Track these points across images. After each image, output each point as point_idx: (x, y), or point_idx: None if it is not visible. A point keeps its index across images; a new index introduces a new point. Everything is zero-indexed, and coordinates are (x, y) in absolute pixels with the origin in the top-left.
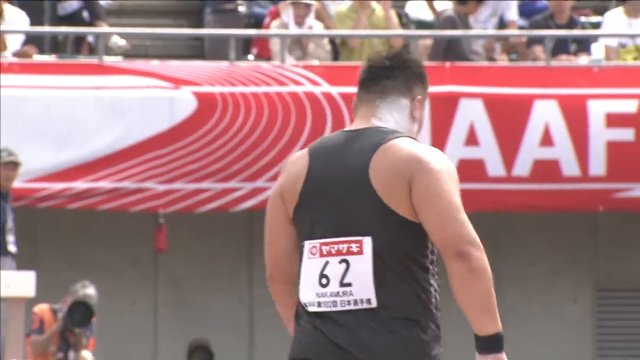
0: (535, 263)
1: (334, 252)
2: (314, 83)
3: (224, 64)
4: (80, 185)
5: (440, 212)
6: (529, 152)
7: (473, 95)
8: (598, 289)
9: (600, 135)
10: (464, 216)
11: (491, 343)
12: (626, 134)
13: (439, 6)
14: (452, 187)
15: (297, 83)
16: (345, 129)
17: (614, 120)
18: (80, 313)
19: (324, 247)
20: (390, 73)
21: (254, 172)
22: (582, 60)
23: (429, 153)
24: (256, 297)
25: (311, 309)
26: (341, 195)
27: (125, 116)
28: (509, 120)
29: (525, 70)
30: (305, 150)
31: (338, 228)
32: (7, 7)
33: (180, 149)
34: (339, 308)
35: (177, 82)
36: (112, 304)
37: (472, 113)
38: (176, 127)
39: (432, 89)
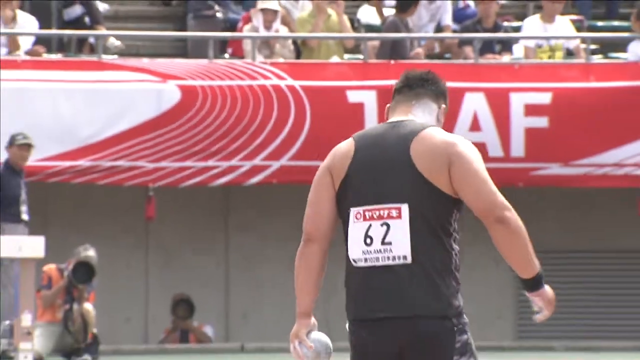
0: (462, 229)
1: (376, 216)
2: (280, 77)
3: (203, 61)
4: (83, 163)
5: (477, 186)
6: (461, 135)
7: None
8: None
9: (520, 123)
10: (494, 187)
11: (536, 283)
12: (542, 122)
13: (386, 12)
14: (481, 165)
15: (265, 77)
16: (387, 122)
17: (531, 110)
18: (83, 272)
19: (367, 213)
20: (425, 84)
21: (229, 153)
22: (505, 58)
23: (459, 139)
24: (231, 258)
25: (359, 264)
26: (384, 170)
27: (120, 105)
28: None
29: (457, 67)
30: (351, 138)
31: (379, 197)
32: (19, 12)
33: (166, 133)
34: (380, 263)
35: (164, 76)
36: (110, 264)
37: None
38: (163, 114)
39: (379, 82)
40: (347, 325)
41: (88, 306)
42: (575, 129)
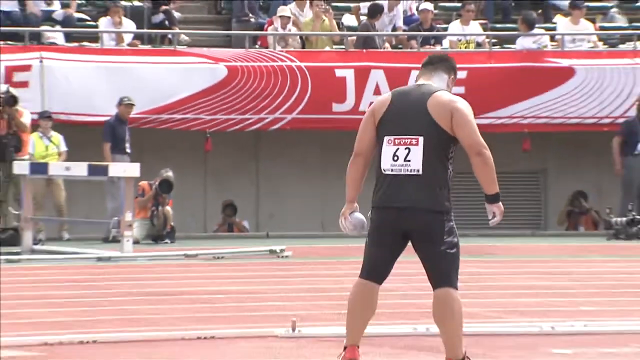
0: None
1: (402, 143)
2: (291, 60)
3: (242, 50)
4: (164, 116)
5: (468, 129)
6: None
7: (378, 68)
8: None
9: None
10: (478, 132)
11: (496, 197)
12: (460, 90)
13: (361, 18)
14: (471, 116)
15: (282, 60)
16: (414, 83)
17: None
18: (165, 186)
19: (396, 140)
20: (441, 61)
21: (259, 109)
22: (437, 48)
23: (458, 99)
24: (260, 179)
25: (387, 172)
26: (409, 114)
27: (188, 78)
28: (397, 82)
29: (406, 54)
30: (390, 92)
31: (405, 130)
32: (123, 18)
33: (217, 97)
34: (402, 173)
35: (216, 60)
36: (181, 181)
37: (377, 78)
38: (215, 85)
39: (355, 63)
40: (370, 212)
41: (168, 208)
42: (482, 94)
